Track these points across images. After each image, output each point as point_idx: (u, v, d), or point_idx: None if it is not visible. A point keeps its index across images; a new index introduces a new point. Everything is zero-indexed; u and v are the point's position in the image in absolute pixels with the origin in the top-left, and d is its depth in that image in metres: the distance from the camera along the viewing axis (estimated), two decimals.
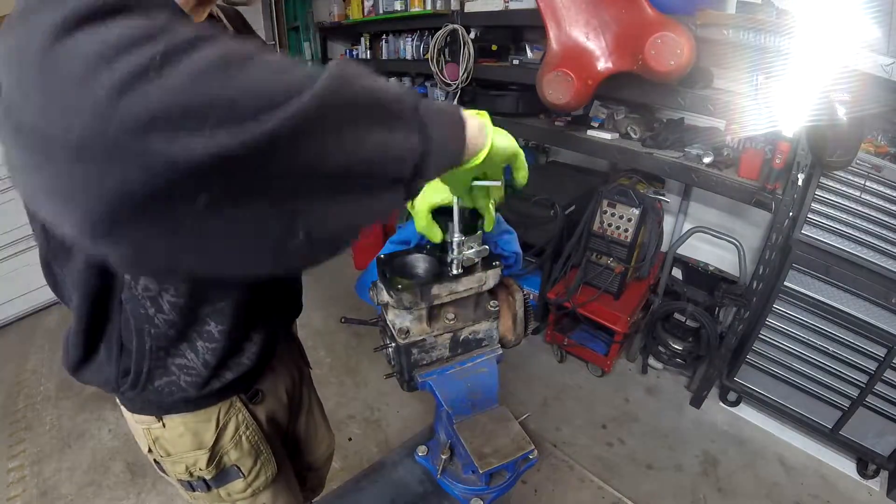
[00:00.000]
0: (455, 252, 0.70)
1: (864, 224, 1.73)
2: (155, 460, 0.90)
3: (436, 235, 0.72)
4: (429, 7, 2.92)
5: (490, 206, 0.73)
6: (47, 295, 3.18)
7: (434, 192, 0.77)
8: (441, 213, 0.75)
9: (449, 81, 2.71)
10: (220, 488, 0.91)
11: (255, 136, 0.30)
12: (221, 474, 0.89)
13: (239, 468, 0.91)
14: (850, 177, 1.71)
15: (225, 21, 0.79)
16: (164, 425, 0.83)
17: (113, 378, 0.77)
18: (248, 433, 0.90)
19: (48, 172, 0.30)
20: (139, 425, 0.84)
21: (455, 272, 0.71)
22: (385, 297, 0.72)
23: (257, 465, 0.93)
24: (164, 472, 0.91)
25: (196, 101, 0.30)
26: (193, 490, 0.89)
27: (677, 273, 2.59)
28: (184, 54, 0.30)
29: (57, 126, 0.29)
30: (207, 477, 0.88)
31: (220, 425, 0.86)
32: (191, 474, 0.87)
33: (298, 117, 0.32)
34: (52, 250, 0.69)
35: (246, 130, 0.30)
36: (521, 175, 0.67)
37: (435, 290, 0.69)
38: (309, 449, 1.14)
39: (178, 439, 0.84)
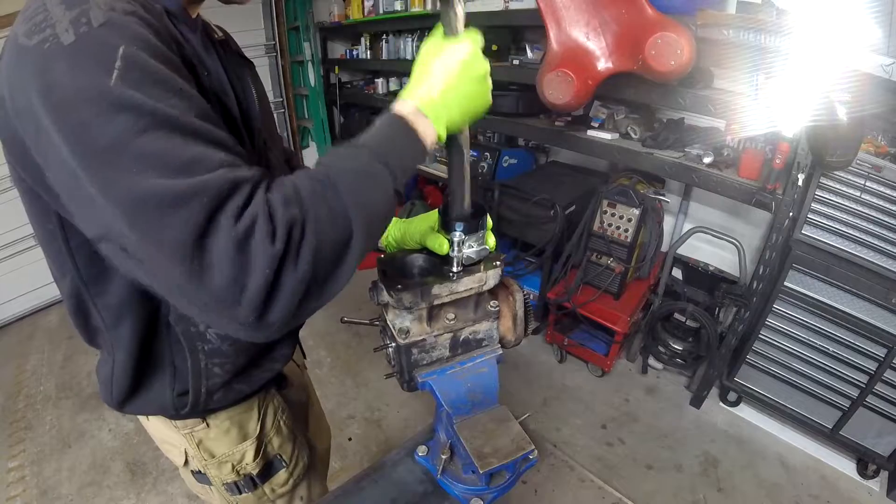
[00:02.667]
0: (455, 250, 0.70)
1: (865, 224, 1.73)
2: (195, 471, 0.89)
3: (443, 246, 0.72)
4: (429, 7, 2.92)
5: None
6: (47, 295, 3.19)
7: (424, 219, 0.80)
8: (444, 213, 0.75)
9: None
10: (265, 484, 0.91)
11: (343, 275, 0.54)
12: (267, 467, 0.91)
13: (281, 457, 0.92)
14: (850, 177, 1.71)
15: (219, 33, 0.78)
16: (208, 425, 0.83)
17: (169, 403, 0.77)
18: (284, 417, 0.93)
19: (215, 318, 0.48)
20: (178, 432, 0.83)
21: (455, 270, 0.71)
22: (385, 297, 0.72)
23: (295, 450, 0.95)
24: (205, 481, 0.89)
25: (313, 299, 0.52)
26: (240, 492, 0.89)
27: (677, 273, 2.59)
28: (290, 271, 0.47)
29: (223, 317, 0.47)
30: (255, 472, 0.89)
31: (262, 413, 0.88)
32: (238, 473, 0.88)
33: (352, 261, 0.53)
34: (87, 281, 0.67)
35: (342, 274, 0.54)
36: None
37: (435, 290, 0.69)
38: (316, 440, 1.16)
39: (223, 436, 0.85)
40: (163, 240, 0.44)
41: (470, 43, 0.61)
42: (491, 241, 0.75)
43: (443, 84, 0.60)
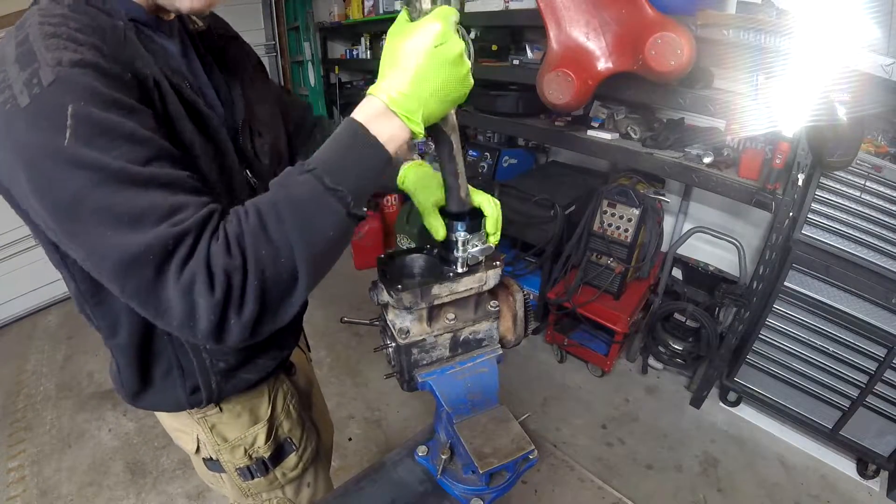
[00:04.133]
0: (460, 250, 0.70)
1: (864, 224, 1.73)
2: (207, 458, 0.91)
3: (438, 231, 0.71)
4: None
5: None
6: (47, 295, 3.19)
7: (438, 189, 0.77)
8: (445, 212, 0.74)
9: None
10: (276, 468, 0.93)
11: (294, 302, 0.55)
12: (278, 450, 0.93)
13: (291, 440, 0.95)
14: (850, 177, 1.71)
15: (199, 23, 0.79)
16: (220, 409, 0.86)
17: (184, 401, 0.80)
18: (293, 402, 0.96)
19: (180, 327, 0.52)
20: (191, 417, 0.85)
21: (460, 270, 0.71)
22: (385, 297, 0.72)
23: (304, 434, 0.98)
24: (217, 468, 0.92)
25: (263, 326, 0.53)
26: (252, 477, 0.92)
27: (677, 273, 2.59)
28: (234, 309, 0.51)
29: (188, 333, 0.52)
30: (266, 455, 0.91)
31: (272, 396, 0.91)
32: (250, 457, 0.90)
33: (302, 290, 0.54)
34: (84, 294, 0.71)
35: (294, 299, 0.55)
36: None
37: (435, 290, 0.69)
38: (320, 431, 1.17)
39: (235, 420, 0.87)
40: (124, 287, 0.50)
41: (439, 22, 0.53)
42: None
43: (412, 73, 0.54)
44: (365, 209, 0.58)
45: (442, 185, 0.73)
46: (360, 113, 0.55)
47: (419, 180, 0.81)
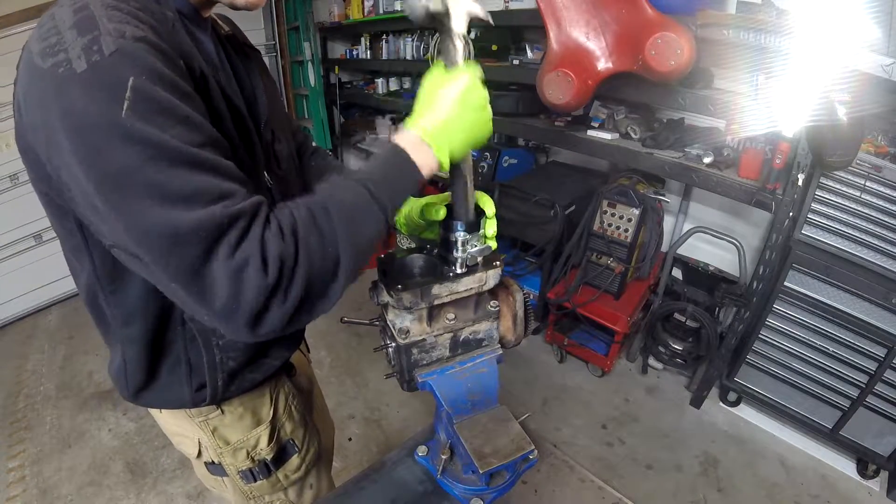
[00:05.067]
0: (460, 251, 0.70)
1: (864, 224, 1.73)
2: (209, 462, 0.90)
3: (439, 213, 0.74)
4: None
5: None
6: (47, 295, 3.19)
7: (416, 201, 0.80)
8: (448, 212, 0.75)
9: None
10: (279, 470, 0.93)
11: (339, 286, 0.58)
12: (280, 452, 0.93)
13: (294, 441, 0.95)
14: (850, 177, 1.71)
15: (226, 28, 0.81)
16: (222, 412, 0.85)
17: (188, 398, 0.79)
18: (295, 403, 0.96)
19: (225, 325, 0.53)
20: (192, 421, 0.85)
21: (460, 271, 0.71)
22: (385, 297, 0.72)
23: (307, 435, 0.98)
24: (219, 472, 0.91)
25: (299, 318, 0.55)
26: (254, 480, 0.91)
27: (677, 273, 2.59)
28: (280, 298, 0.52)
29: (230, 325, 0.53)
30: (269, 457, 0.91)
31: (274, 398, 0.91)
32: (252, 460, 0.90)
33: (339, 287, 0.58)
34: (101, 279, 0.69)
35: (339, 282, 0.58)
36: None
37: (435, 290, 0.69)
38: (321, 432, 1.16)
39: (237, 422, 0.87)
40: (168, 264, 0.49)
41: (469, 74, 0.64)
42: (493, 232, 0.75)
43: (445, 113, 0.62)
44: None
45: (434, 196, 0.80)
46: (401, 140, 0.63)
47: (412, 202, 0.86)
